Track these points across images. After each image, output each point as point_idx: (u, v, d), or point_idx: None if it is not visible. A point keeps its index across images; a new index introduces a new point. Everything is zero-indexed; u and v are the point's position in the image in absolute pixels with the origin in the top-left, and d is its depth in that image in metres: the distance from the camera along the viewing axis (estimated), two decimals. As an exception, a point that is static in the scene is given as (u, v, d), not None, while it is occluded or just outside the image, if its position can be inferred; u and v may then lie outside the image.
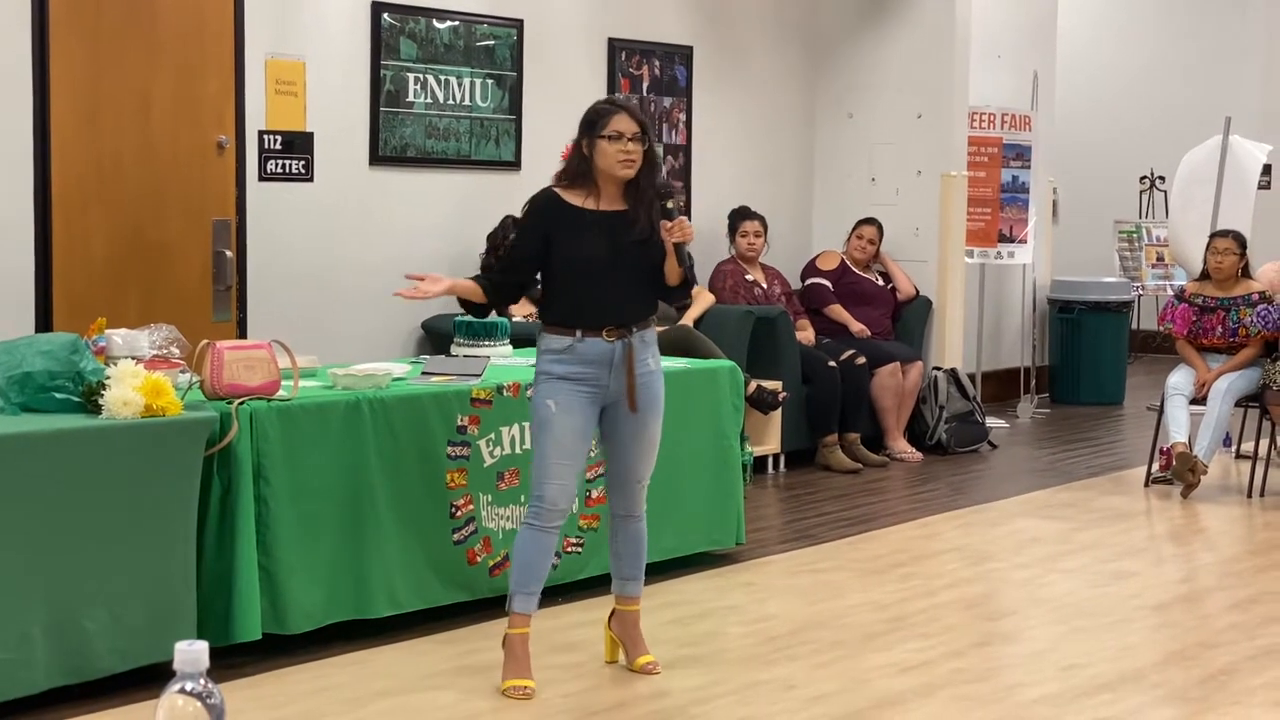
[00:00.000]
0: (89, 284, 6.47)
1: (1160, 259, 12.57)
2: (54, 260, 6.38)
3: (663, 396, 4.70)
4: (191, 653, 1.84)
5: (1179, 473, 7.71)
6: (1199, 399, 7.94)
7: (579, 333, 4.54)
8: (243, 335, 6.83)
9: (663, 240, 4.55)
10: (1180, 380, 8.01)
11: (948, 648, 5.10)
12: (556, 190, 4.63)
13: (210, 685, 1.84)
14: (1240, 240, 8.15)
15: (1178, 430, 7.86)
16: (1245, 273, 8.13)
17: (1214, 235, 8.35)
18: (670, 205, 4.57)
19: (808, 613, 5.52)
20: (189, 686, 1.83)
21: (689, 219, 9.07)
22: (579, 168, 4.60)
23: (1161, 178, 13.49)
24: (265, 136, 7.10)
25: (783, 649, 5.07)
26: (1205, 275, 8.19)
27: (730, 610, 5.61)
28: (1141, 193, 14.01)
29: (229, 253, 6.92)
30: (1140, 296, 12.60)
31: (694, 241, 4.66)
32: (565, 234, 4.55)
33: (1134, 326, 12.17)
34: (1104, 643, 5.21)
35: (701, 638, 5.20)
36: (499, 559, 5.38)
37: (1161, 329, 8.44)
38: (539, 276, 4.68)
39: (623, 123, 4.54)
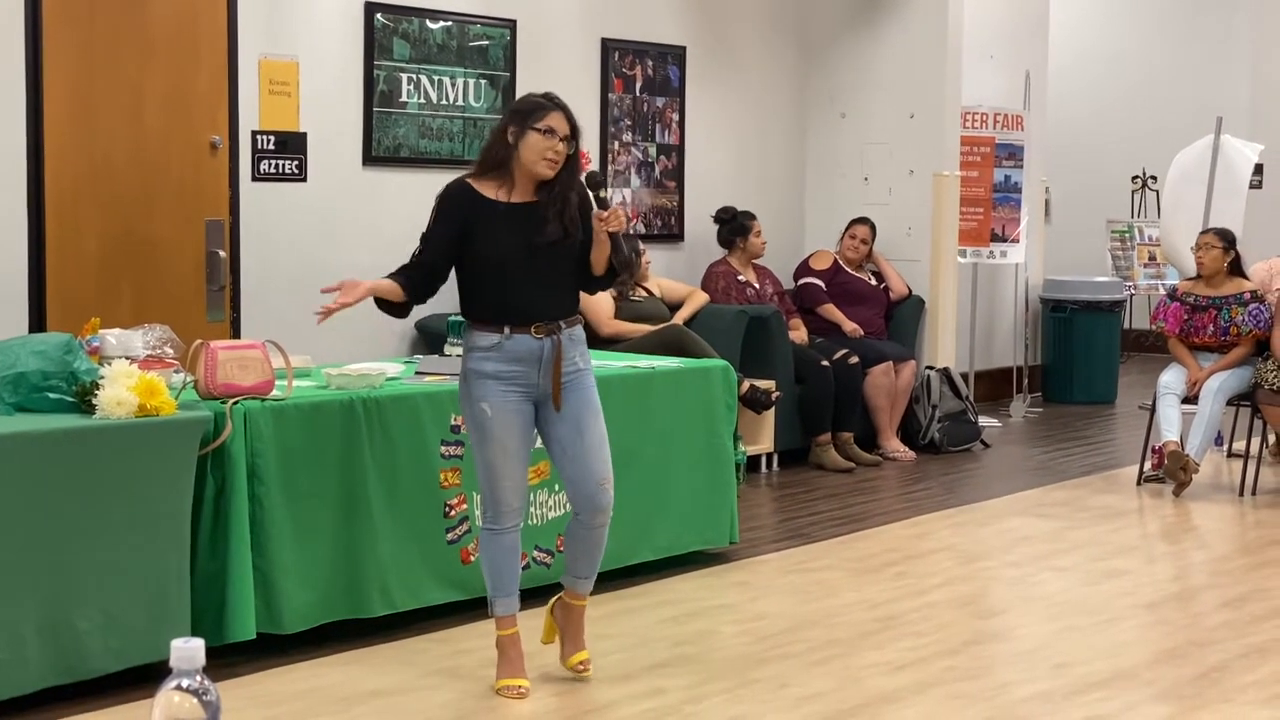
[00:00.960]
0: (82, 284, 6.48)
1: (1152, 258, 12.60)
2: (47, 260, 6.38)
3: (597, 394, 4.59)
4: (188, 650, 1.84)
5: (1171, 471, 7.72)
6: (1191, 398, 7.96)
7: (507, 329, 4.44)
8: (236, 335, 6.84)
9: (578, 238, 4.47)
10: (1172, 379, 8.03)
11: (940, 646, 5.11)
12: (469, 181, 4.53)
13: (206, 682, 1.85)
14: (1224, 236, 8.17)
15: (1170, 429, 7.88)
16: (1238, 271, 8.15)
17: (1200, 233, 8.38)
18: (603, 194, 4.50)
19: (801, 611, 5.53)
20: (185, 683, 1.83)
21: (681, 219, 9.18)
22: (498, 155, 4.50)
23: (1153, 177, 13.52)
24: (258, 136, 7.10)
25: (776, 648, 5.07)
26: (1199, 274, 8.21)
27: (723, 609, 5.62)
28: (1133, 192, 14.04)
29: (222, 253, 6.92)
30: (1132, 296, 12.63)
31: (689, 242, 4.66)
32: (479, 227, 4.45)
33: (1126, 326, 12.20)
34: (1096, 641, 5.23)
35: (694, 636, 5.21)
36: (493, 558, 5.38)
37: (1154, 327, 8.46)
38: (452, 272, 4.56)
39: (557, 120, 4.45)
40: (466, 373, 4.51)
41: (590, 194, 4.52)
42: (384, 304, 4.51)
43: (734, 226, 8.86)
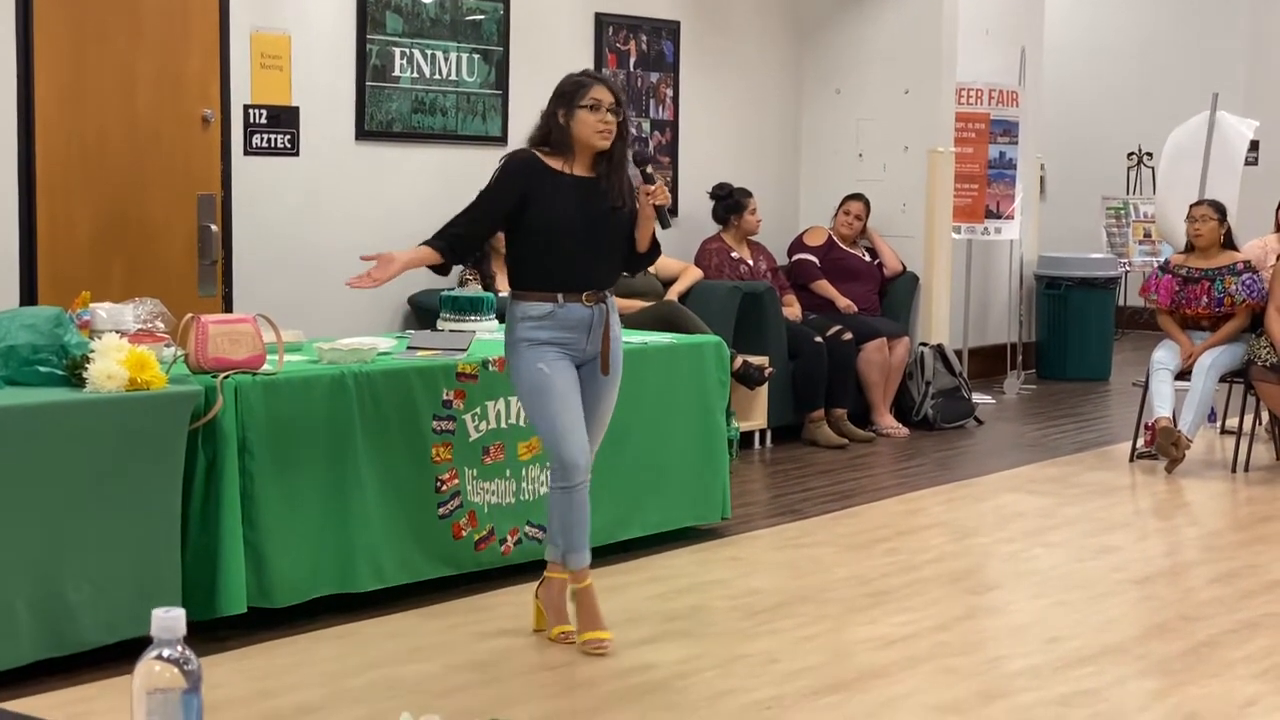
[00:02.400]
0: (73, 259, 6.46)
1: (1147, 235, 12.59)
2: (38, 235, 6.36)
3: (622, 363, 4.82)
4: (168, 619, 1.84)
5: (1163, 448, 7.73)
6: (1184, 374, 7.95)
7: (560, 298, 4.61)
8: (228, 309, 6.82)
9: (636, 207, 4.67)
10: (1165, 355, 8.02)
11: (932, 621, 5.12)
12: (536, 152, 4.68)
13: (187, 652, 1.84)
14: (1218, 207, 8.16)
15: (1162, 405, 7.87)
16: (1230, 244, 8.14)
17: (1191, 206, 8.36)
18: (650, 170, 4.71)
19: (792, 587, 5.54)
20: (166, 653, 1.83)
21: (675, 195, 9.14)
22: (558, 137, 4.66)
23: (1149, 154, 13.50)
24: (251, 111, 7.07)
25: (767, 623, 5.08)
26: (1190, 248, 8.19)
27: (715, 584, 5.62)
28: (1129, 169, 14.02)
29: (214, 227, 6.90)
30: (1127, 273, 12.62)
31: (682, 218, 4.74)
32: (543, 196, 4.61)
33: (1121, 303, 12.20)
34: (1087, 616, 5.24)
35: (686, 611, 5.21)
36: (484, 533, 5.39)
37: (1145, 300, 8.44)
38: (500, 243, 4.78)
39: (601, 93, 4.64)
40: (516, 343, 4.65)
41: (638, 170, 4.70)
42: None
43: (729, 203, 8.84)
